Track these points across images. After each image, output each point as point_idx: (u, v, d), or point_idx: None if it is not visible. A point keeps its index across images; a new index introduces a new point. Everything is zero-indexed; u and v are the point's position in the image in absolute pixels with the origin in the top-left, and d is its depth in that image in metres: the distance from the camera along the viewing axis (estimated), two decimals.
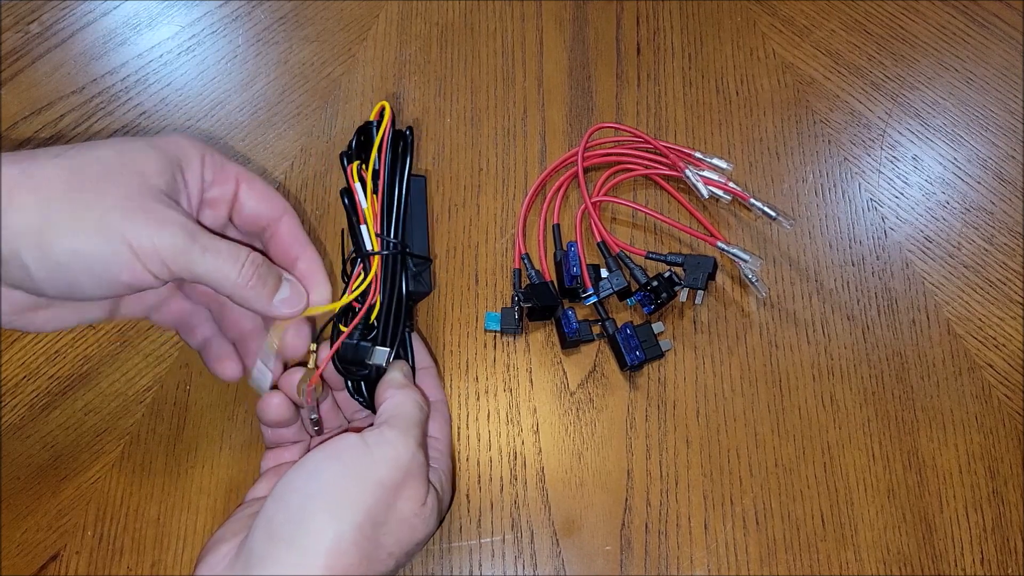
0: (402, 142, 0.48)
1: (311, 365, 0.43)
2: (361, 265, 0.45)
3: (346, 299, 0.44)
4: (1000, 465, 0.47)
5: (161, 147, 0.38)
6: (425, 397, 0.43)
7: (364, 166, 0.47)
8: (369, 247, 0.45)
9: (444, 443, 0.44)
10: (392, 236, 0.46)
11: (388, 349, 0.43)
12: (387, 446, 0.37)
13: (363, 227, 0.45)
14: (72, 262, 0.34)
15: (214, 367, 0.44)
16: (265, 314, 0.40)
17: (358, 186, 0.46)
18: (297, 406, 0.43)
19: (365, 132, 0.48)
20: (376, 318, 0.44)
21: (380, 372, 0.43)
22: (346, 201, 0.47)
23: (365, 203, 0.45)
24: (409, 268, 0.46)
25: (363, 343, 0.43)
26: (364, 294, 0.44)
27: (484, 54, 0.58)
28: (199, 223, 0.38)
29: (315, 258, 0.43)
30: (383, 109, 0.47)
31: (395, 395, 0.41)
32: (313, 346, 0.43)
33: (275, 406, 0.41)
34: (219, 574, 0.35)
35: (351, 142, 0.49)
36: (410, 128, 0.49)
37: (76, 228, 0.34)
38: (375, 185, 0.46)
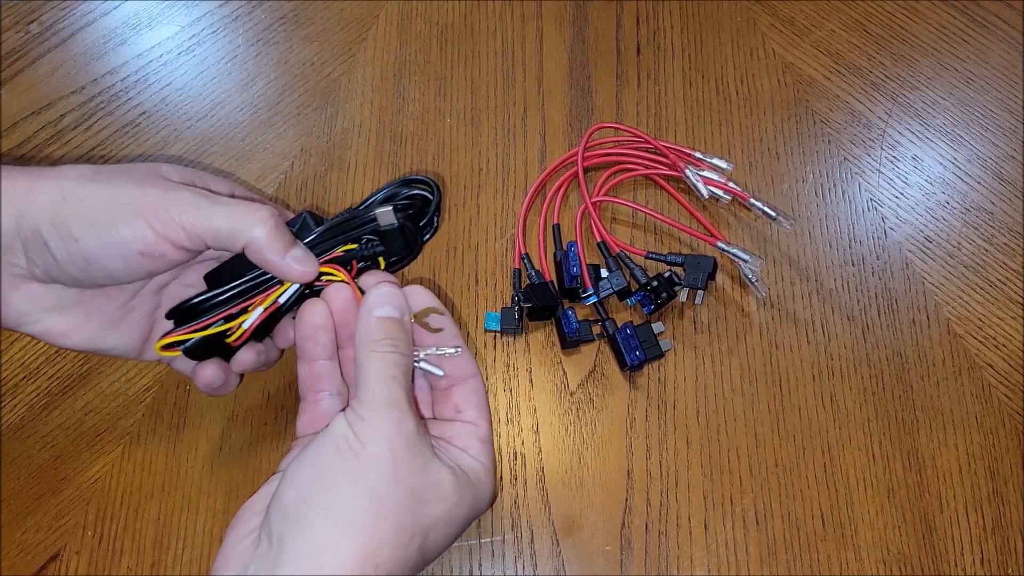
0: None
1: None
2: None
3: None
4: (1000, 465, 0.47)
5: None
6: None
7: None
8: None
9: (485, 429, 0.41)
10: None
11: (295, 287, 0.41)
12: (371, 448, 0.35)
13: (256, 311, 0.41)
14: (87, 235, 0.37)
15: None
16: (278, 268, 0.40)
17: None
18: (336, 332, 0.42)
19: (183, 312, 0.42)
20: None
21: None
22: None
23: (249, 322, 0.41)
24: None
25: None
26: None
27: (484, 54, 0.58)
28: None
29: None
30: None
31: (361, 365, 0.38)
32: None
33: (318, 313, 0.41)
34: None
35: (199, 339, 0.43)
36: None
37: (91, 201, 0.37)
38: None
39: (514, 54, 0.58)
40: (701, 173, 0.51)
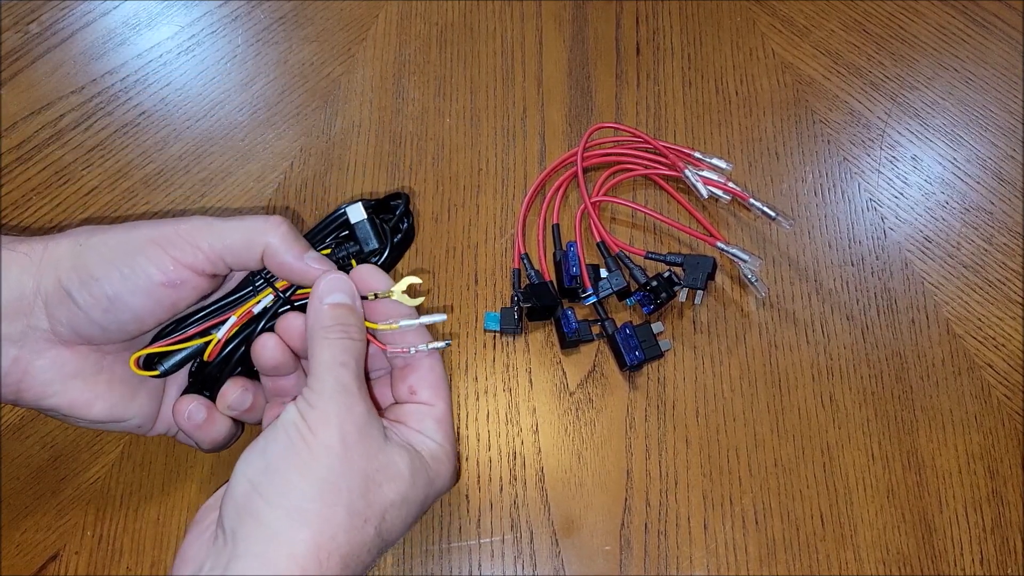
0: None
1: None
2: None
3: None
4: (1000, 465, 0.47)
5: None
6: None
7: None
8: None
9: (442, 409, 0.41)
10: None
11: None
12: (321, 435, 0.35)
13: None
14: (108, 272, 0.38)
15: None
16: (298, 271, 0.40)
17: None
18: (295, 354, 0.42)
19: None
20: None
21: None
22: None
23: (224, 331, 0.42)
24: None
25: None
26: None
27: (484, 54, 0.58)
28: None
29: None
30: None
31: (313, 352, 0.38)
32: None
33: (270, 348, 0.41)
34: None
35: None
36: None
37: (107, 242, 0.38)
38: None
39: (514, 54, 0.58)
40: (700, 173, 0.51)
